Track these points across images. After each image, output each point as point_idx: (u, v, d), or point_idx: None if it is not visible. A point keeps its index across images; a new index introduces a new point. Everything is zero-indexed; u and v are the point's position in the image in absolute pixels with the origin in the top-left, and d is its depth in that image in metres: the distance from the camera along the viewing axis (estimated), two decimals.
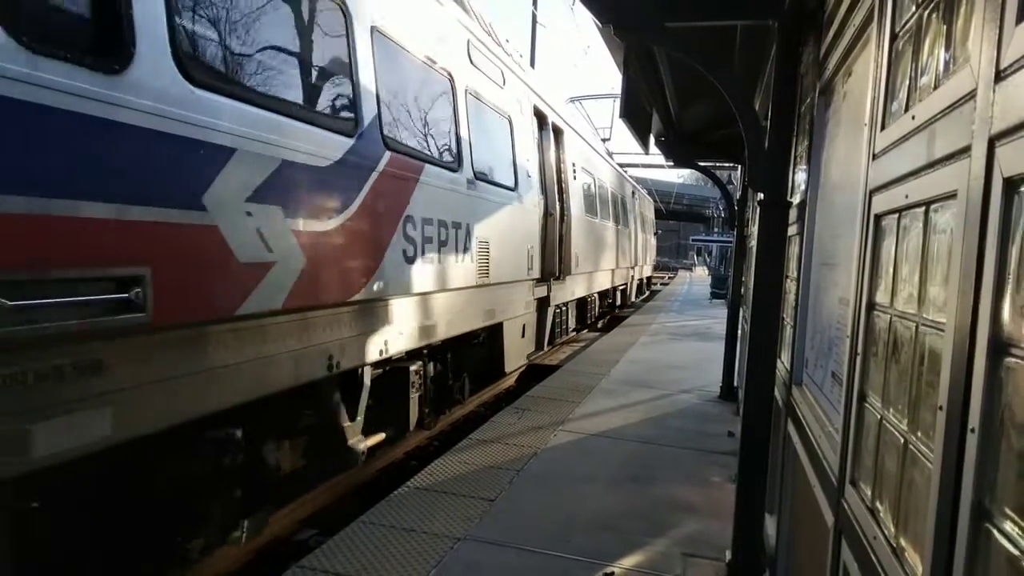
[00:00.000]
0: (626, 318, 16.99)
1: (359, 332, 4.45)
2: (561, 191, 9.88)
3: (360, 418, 4.78)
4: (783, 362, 3.48)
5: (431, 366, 6.17)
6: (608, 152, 17.67)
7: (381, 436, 5.16)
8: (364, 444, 4.77)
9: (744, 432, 3.36)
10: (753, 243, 6.15)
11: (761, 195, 3.24)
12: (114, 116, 2.61)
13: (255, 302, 3.41)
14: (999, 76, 1.06)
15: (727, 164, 12.90)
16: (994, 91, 1.07)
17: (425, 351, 5.89)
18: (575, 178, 10.87)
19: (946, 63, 1.41)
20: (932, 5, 1.54)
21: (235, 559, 4.31)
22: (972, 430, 1.07)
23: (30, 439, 2.39)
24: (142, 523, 3.36)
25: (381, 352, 4.76)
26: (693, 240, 44.83)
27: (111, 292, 2.62)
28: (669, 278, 42.13)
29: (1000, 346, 1.01)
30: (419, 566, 3.62)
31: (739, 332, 7.73)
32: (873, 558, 1.56)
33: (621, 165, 20.29)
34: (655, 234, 31.08)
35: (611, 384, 8.47)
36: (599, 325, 16.04)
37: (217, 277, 3.19)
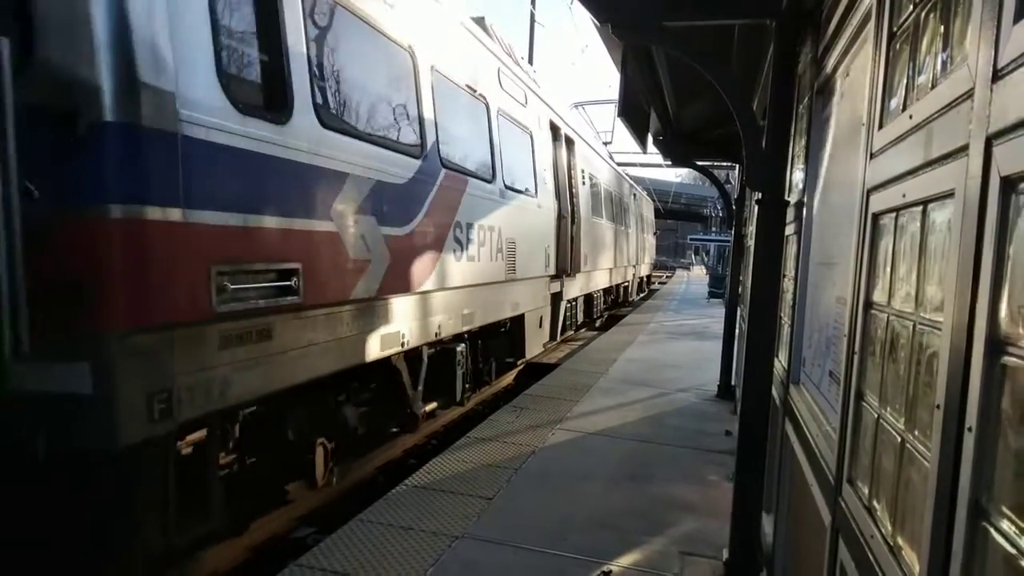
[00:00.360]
0: (624, 317, 17.00)
1: (421, 317, 5.45)
2: (572, 195, 10.72)
3: (421, 387, 5.90)
4: (780, 361, 3.48)
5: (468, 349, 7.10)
6: (610, 156, 18.38)
7: (435, 404, 6.35)
8: (423, 409, 6.00)
9: (741, 431, 3.36)
10: (751, 242, 6.15)
11: (759, 194, 3.24)
12: (282, 154, 3.61)
13: (360, 290, 4.42)
14: (996, 75, 1.06)
15: (725, 163, 12.94)
16: (991, 90, 1.07)
17: (466, 336, 6.81)
18: (583, 183, 11.73)
19: (944, 62, 1.41)
20: (930, 5, 1.54)
21: (233, 557, 4.30)
22: (969, 429, 1.07)
23: (231, 385, 3.32)
24: (263, 466, 4.25)
25: (436, 334, 5.77)
26: (691, 239, 44.80)
27: (280, 280, 3.61)
28: (667, 277, 42.17)
29: (997, 345, 1.02)
30: (417, 564, 3.62)
31: (737, 331, 7.73)
32: (870, 557, 1.56)
33: (619, 164, 20.88)
34: (654, 234, 31.55)
35: (609, 383, 8.47)
36: (597, 324, 16.05)
37: (338, 270, 4.19)
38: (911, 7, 1.66)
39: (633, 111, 5.88)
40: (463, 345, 6.72)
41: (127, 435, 2.76)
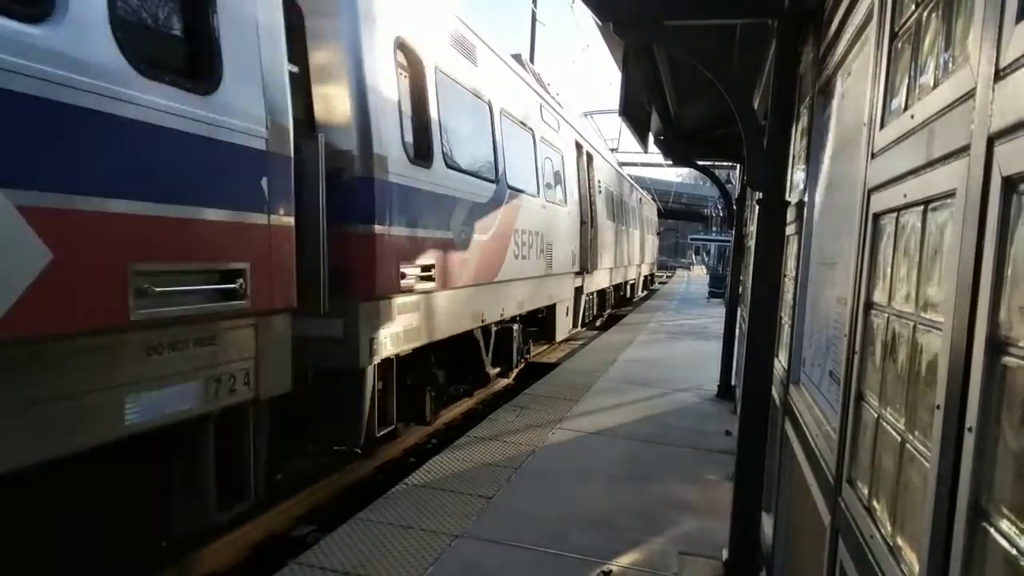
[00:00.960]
0: (624, 316, 17.00)
1: (493, 302, 7.21)
2: (591, 203, 12.44)
3: (490, 355, 7.64)
4: (781, 361, 3.48)
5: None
6: (618, 163, 19.92)
7: (498, 369, 8.06)
8: (492, 371, 7.76)
9: (741, 431, 3.36)
10: (751, 242, 6.14)
11: (760, 194, 3.23)
12: (427, 188, 5.41)
13: (463, 279, 6.25)
14: (998, 75, 1.06)
15: (726, 163, 12.95)
16: (993, 90, 1.07)
17: (517, 318, 8.54)
18: (599, 192, 13.59)
19: (945, 62, 1.41)
20: (931, 5, 1.54)
21: (232, 555, 4.31)
22: (969, 429, 1.07)
23: (399, 339, 5.08)
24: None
25: (501, 315, 7.54)
26: (692, 239, 44.74)
27: (424, 272, 5.36)
28: (667, 277, 42.18)
29: (998, 345, 1.01)
30: (417, 563, 3.62)
31: (737, 331, 7.73)
32: (870, 557, 1.56)
33: (622, 164, 21.99)
34: (657, 234, 33.04)
35: (609, 382, 8.48)
36: (598, 324, 16.06)
37: (453, 266, 5.96)
38: (913, 7, 1.66)
39: (634, 110, 5.87)
40: (517, 325, 8.54)
41: (359, 363, 4.58)
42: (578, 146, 11.55)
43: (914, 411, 1.45)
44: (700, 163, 9.23)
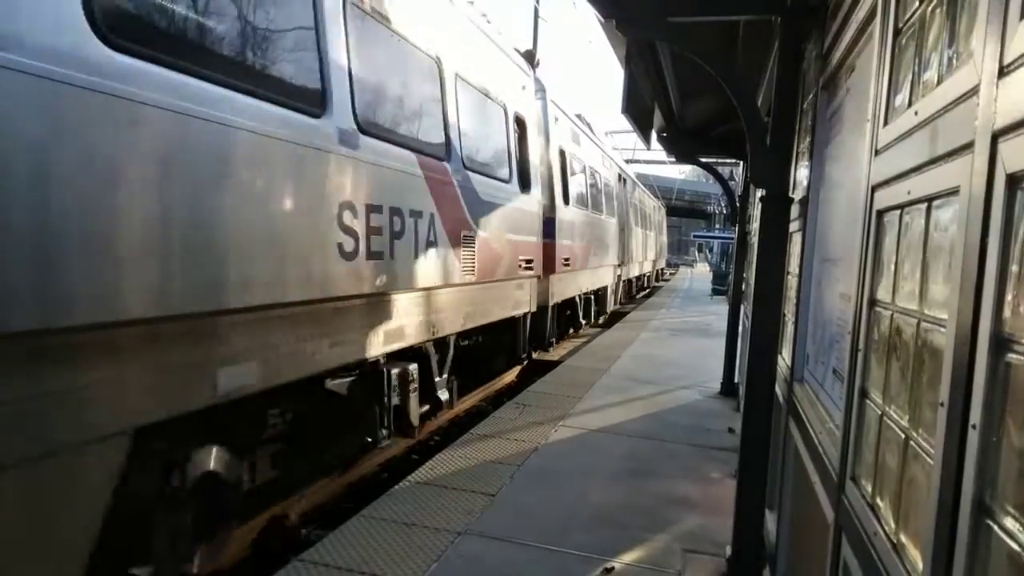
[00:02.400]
0: (627, 314, 17.00)
1: (585, 280, 12.29)
2: (625, 214, 17.87)
3: (580, 312, 12.63)
4: (784, 358, 3.48)
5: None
6: (641, 180, 25.81)
7: (587, 321, 13.29)
8: (583, 322, 12.98)
9: (744, 428, 3.36)
10: (755, 239, 6.13)
11: (763, 191, 3.23)
12: (568, 217, 10.69)
13: (576, 266, 11.34)
14: (1003, 72, 1.06)
15: (729, 160, 12.95)
16: (997, 87, 1.07)
17: (591, 295, 13.41)
18: (630, 205, 19.17)
19: (949, 59, 1.41)
20: (935, 1, 1.54)
21: (235, 552, 4.32)
22: (973, 426, 1.07)
23: (560, 295, 10.53)
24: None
25: (588, 289, 12.61)
26: (695, 236, 44.72)
27: (567, 261, 10.62)
28: (671, 274, 42.20)
29: (1002, 342, 1.01)
30: (420, 560, 3.64)
31: (740, 328, 7.72)
32: (873, 554, 1.56)
33: (627, 161, 25.51)
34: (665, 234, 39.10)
35: (612, 380, 8.48)
36: (600, 321, 16.08)
37: (574, 258, 11.12)
38: (917, 3, 1.66)
39: (637, 107, 5.85)
40: (593, 296, 13.51)
41: (549, 303, 9.66)
42: (619, 175, 17.20)
43: (918, 408, 1.45)
44: (703, 160, 9.20)
